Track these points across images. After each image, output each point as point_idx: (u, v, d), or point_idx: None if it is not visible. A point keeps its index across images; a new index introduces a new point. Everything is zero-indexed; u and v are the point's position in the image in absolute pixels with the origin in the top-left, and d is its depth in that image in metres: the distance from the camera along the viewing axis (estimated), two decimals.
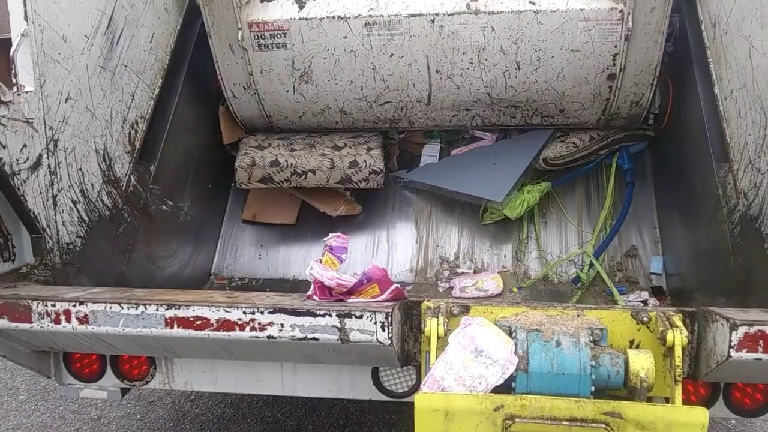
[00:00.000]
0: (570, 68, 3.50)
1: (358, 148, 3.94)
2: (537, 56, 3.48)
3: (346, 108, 3.85)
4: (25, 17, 2.66)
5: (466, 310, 2.29)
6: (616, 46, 3.38)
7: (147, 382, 2.78)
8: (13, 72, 2.82)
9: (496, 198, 3.75)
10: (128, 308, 2.27)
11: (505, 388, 2.06)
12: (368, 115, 3.89)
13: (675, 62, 3.61)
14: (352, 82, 3.70)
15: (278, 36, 3.61)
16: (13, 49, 2.82)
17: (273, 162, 3.87)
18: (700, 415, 1.90)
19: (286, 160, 3.88)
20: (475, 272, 3.87)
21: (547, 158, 3.83)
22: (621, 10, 3.29)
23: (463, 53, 3.53)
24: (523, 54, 3.49)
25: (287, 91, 3.79)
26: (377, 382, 2.60)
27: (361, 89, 3.73)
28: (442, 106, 3.80)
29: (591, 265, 3.68)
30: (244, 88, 3.81)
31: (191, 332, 2.25)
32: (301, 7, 3.58)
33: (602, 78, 3.52)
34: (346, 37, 3.56)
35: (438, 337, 2.16)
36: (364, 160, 3.88)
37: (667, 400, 2.16)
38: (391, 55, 3.58)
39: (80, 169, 2.89)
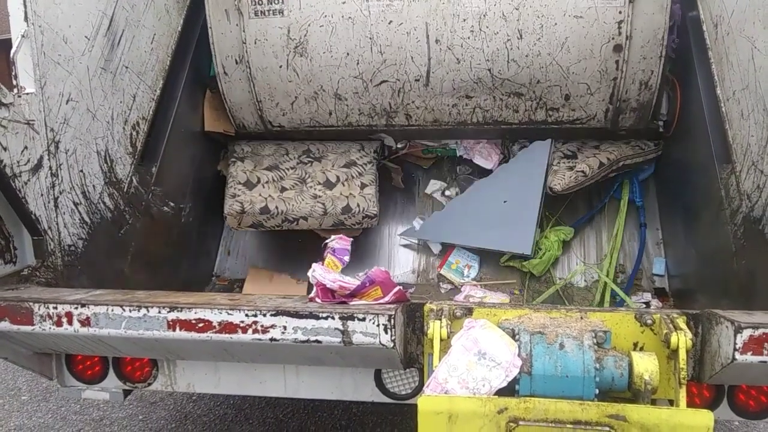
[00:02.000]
0: (574, 37, 3.42)
1: (351, 185, 3.84)
2: (540, 23, 3.41)
3: (341, 90, 3.72)
4: (26, 18, 2.65)
5: (469, 312, 2.28)
6: (620, 12, 3.33)
7: (149, 384, 2.77)
8: (13, 74, 2.81)
9: (526, 251, 3.67)
10: (130, 310, 2.27)
11: (509, 390, 2.05)
12: (364, 101, 3.75)
13: (680, 64, 3.58)
14: (348, 54, 3.60)
15: (276, 1, 3.55)
16: (13, 50, 2.80)
17: (263, 209, 3.80)
18: (704, 417, 1.89)
19: (276, 207, 3.80)
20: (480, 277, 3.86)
21: (556, 190, 3.68)
22: None
23: (464, 20, 3.46)
24: (525, 21, 3.41)
25: (280, 67, 3.69)
26: (380, 384, 2.59)
27: (358, 63, 3.62)
28: (441, 89, 3.66)
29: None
30: (236, 62, 3.71)
31: (193, 335, 2.25)
32: None
33: (608, 50, 3.43)
34: (344, 2, 3.49)
35: (441, 340, 2.16)
36: (357, 204, 3.79)
37: (671, 402, 2.16)
38: (390, 22, 3.51)
39: (81, 171, 2.89)
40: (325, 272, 2.42)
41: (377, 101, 3.75)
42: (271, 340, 2.20)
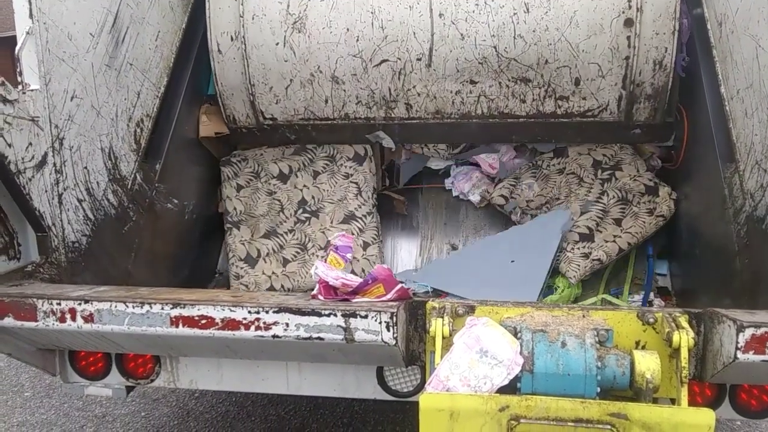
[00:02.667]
0: (583, 11, 3.31)
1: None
2: None
3: (339, 71, 3.57)
4: (30, 15, 2.65)
5: (471, 310, 2.28)
6: None
7: (152, 381, 2.78)
8: (18, 70, 2.82)
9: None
10: (133, 307, 2.27)
11: (510, 388, 2.05)
12: (362, 85, 3.59)
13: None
14: (348, 30, 3.49)
15: None
16: (18, 47, 2.82)
17: (269, 290, 3.67)
18: (706, 416, 1.89)
19: (282, 285, 3.69)
20: None
21: (570, 276, 3.48)
22: None
23: None
24: None
25: (277, 44, 3.58)
26: (382, 381, 2.59)
27: (357, 40, 3.50)
28: (444, 71, 3.51)
29: None
30: (232, 39, 3.61)
31: (196, 331, 2.25)
32: None
33: (619, 25, 3.30)
34: None
35: (443, 338, 2.16)
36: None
37: (673, 401, 2.16)
38: None
39: (86, 168, 2.89)
40: (327, 269, 2.43)
41: (376, 86, 3.59)
42: (274, 337, 2.20)
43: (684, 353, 2.06)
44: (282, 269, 3.71)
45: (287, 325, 2.19)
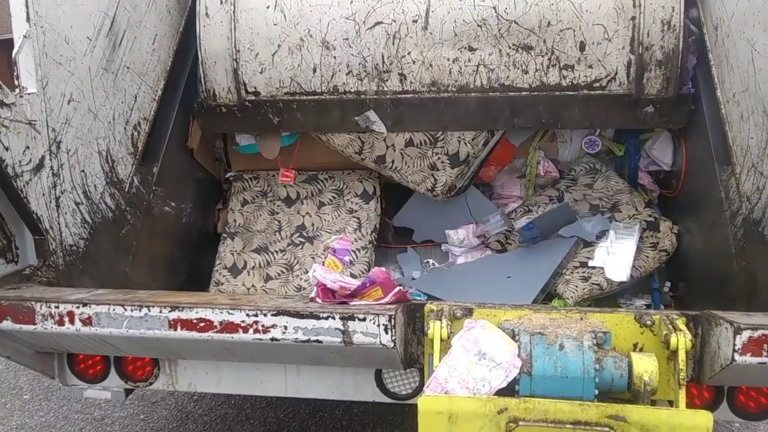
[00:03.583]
0: None
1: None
2: None
3: (330, 35, 3.39)
4: (27, 19, 2.66)
5: (469, 312, 2.29)
6: None
7: (151, 383, 2.78)
8: (15, 74, 2.82)
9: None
10: (132, 310, 2.28)
11: (509, 391, 2.06)
12: (354, 51, 3.39)
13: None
14: None
15: None
16: (15, 50, 2.81)
17: None
18: (704, 418, 1.90)
19: None
20: None
21: (567, 297, 3.35)
22: None
23: None
24: None
25: (267, 7, 3.43)
26: (380, 384, 2.60)
27: (351, 2, 3.35)
28: (441, 35, 3.32)
29: None
30: (221, 2, 3.46)
31: (194, 334, 2.26)
32: None
33: None
34: None
35: (441, 340, 2.17)
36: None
37: (671, 403, 2.17)
38: None
39: (83, 171, 2.89)
40: (325, 272, 2.43)
41: (369, 52, 3.38)
42: (272, 339, 2.21)
43: (682, 355, 2.07)
44: (263, 284, 3.65)
45: (285, 327, 2.20)
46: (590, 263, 3.39)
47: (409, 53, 3.36)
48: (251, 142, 3.89)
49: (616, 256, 3.37)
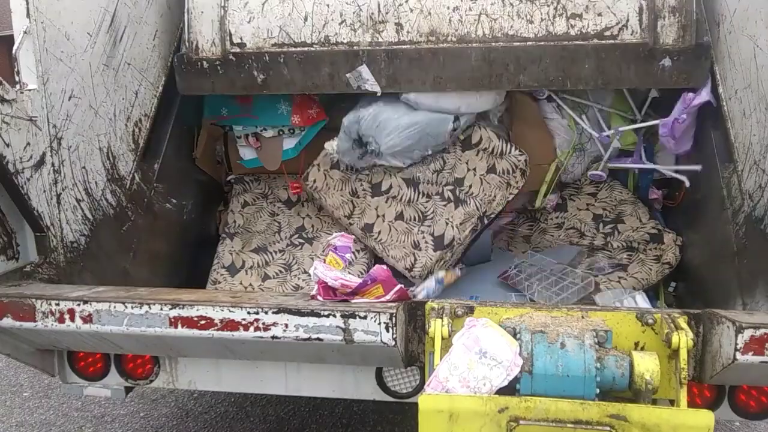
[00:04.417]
0: None
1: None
2: None
3: None
4: (28, 15, 2.65)
5: (470, 311, 2.28)
6: None
7: (151, 381, 2.77)
8: (15, 70, 2.81)
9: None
10: (132, 307, 2.27)
11: (510, 389, 2.05)
12: None
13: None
14: None
15: None
16: (15, 46, 2.81)
17: None
18: (705, 418, 1.89)
19: None
20: None
21: None
22: None
23: None
24: None
25: None
26: (381, 382, 2.59)
27: None
28: None
29: None
30: None
31: (195, 332, 2.26)
32: None
33: None
34: None
35: (442, 338, 2.16)
36: None
37: (672, 402, 2.16)
38: None
39: (84, 168, 2.89)
40: (326, 270, 2.42)
41: (364, 0, 3.21)
42: (273, 338, 2.20)
43: (683, 354, 2.06)
44: (260, 283, 3.63)
45: (286, 325, 2.19)
46: None
47: (406, 1, 3.18)
48: (255, 156, 3.90)
49: None
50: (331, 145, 3.59)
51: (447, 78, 3.22)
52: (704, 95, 3.09)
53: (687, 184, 3.47)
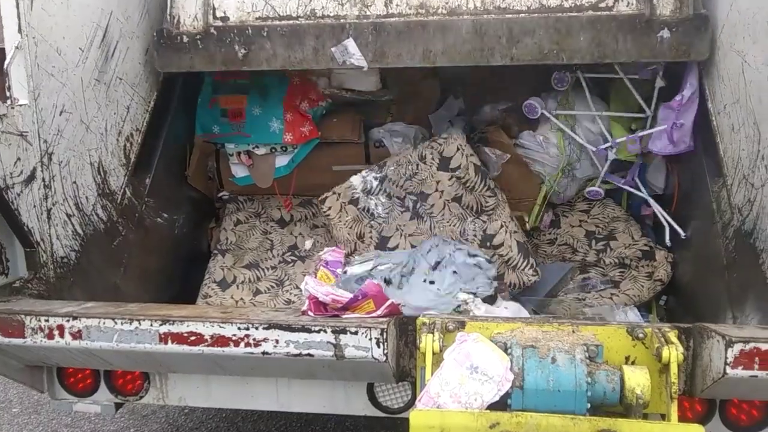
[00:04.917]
0: None
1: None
2: None
3: None
4: (19, 30, 2.65)
5: (461, 325, 2.28)
6: None
7: (141, 397, 2.75)
8: (6, 85, 2.81)
9: None
10: (122, 323, 2.26)
11: (501, 404, 2.05)
12: None
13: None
14: None
15: None
16: (7, 62, 2.81)
17: None
18: None
19: None
20: None
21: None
22: None
23: None
24: None
25: None
26: (372, 397, 2.58)
27: None
28: None
29: None
30: None
31: (185, 348, 2.25)
32: None
33: None
34: None
35: (433, 353, 2.15)
36: None
37: (663, 416, 2.16)
38: None
39: (75, 183, 2.88)
40: (317, 285, 2.42)
41: None
42: (263, 353, 2.20)
43: (674, 369, 2.06)
44: (251, 298, 3.61)
45: (277, 341, 2.19)
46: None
47: None
48: (247, 174, 3.91)
49: None
50: (357, 180, 3.59)
51: (437, 51, 3.09)
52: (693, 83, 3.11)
53: (682, 232, 3.46)
